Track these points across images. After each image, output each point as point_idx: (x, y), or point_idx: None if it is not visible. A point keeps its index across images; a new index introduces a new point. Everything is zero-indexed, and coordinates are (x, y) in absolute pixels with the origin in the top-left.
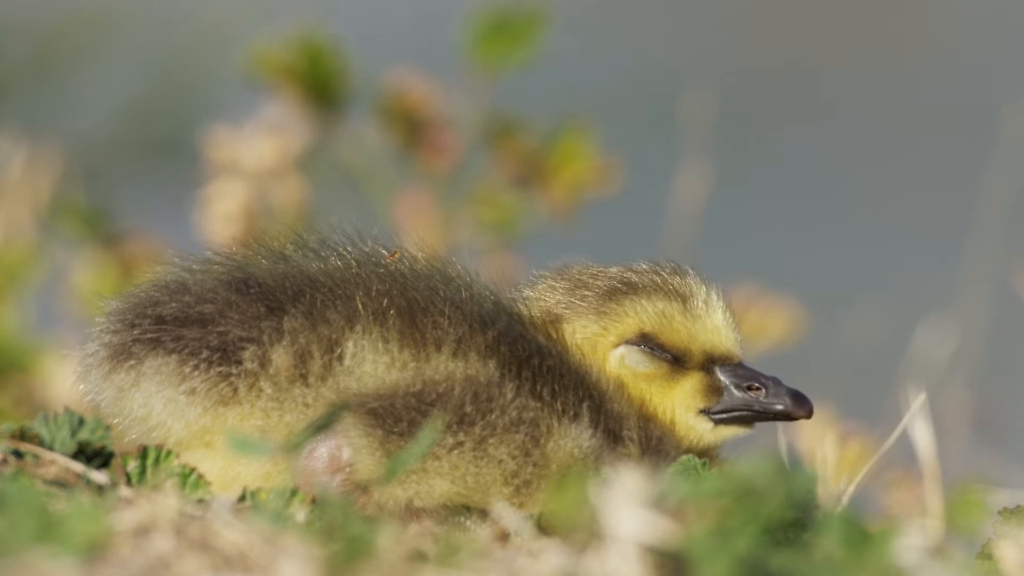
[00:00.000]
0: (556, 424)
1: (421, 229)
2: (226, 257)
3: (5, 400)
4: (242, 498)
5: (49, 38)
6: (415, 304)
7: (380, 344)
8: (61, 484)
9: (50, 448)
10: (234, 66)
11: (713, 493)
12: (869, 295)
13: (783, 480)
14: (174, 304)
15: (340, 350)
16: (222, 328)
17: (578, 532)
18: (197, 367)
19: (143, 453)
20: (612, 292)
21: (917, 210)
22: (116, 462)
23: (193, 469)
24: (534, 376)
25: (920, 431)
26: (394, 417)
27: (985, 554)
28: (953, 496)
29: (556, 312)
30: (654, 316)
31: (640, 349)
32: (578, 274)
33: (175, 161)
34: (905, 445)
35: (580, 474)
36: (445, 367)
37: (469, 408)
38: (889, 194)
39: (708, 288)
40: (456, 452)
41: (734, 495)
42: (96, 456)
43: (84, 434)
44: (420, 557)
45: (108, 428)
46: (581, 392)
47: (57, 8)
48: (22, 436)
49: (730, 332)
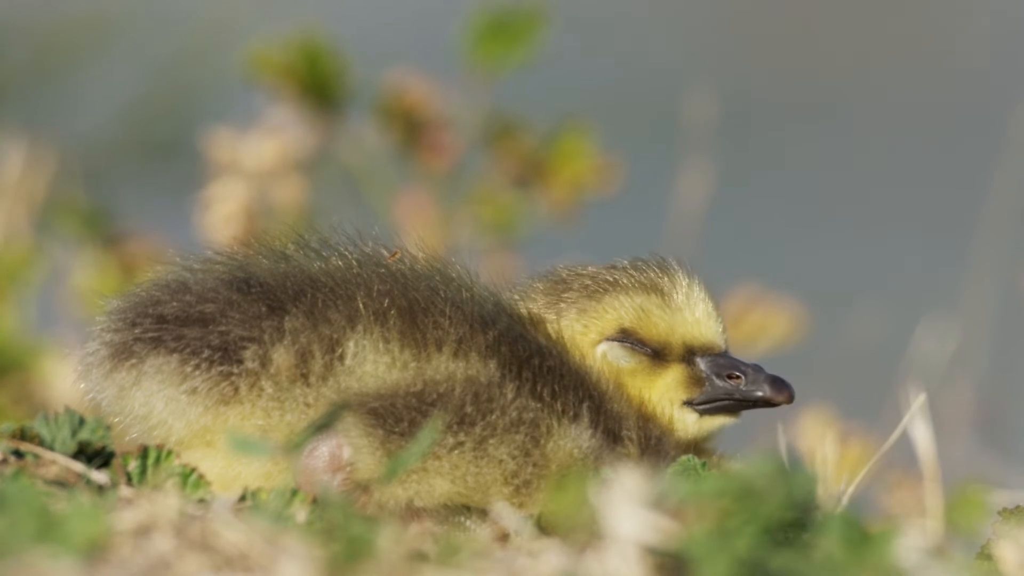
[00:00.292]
0: (556, 424)
1: (421, 229)
2: (227, 257)
3: (5, 400)
4: (242, 498)
5: (49, 39)
6: (416, 304)
7: (381, 344)
8: (61, 484)
9: (50, 448)
10: (234, 67)
11: (713, 493)
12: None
13: (783, 480)
14: (175, 303)
15: (341, 350)
16: (223, 327)
17: (578, 532)
18: (198, 366)
19: (143, 453)
20: (592, 290)
21: (918, 211)
22: (116, 462)
23: (194, 469)
24: (534, 376)
25: (920, 431)
26: (395, 417)
27: (985, 554)
28: (953, 496)
29: (540, 313)
30: (632, 311)
31: (620, 344)
32: (560, 274)
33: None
34: (905, 445)
35: (580, 474)
36: (446, 367)
37: (469, 408)
38: (890, 194)
39: (689, 281)
40: (456, 452)
41: (734, 495)
42: (97, 456)
43: (85, 434)
44: (420, 557)
45: (109, 428)
46: (581, 392)
47: (57, 9)
48: (22, 436)
49: (711, 324)
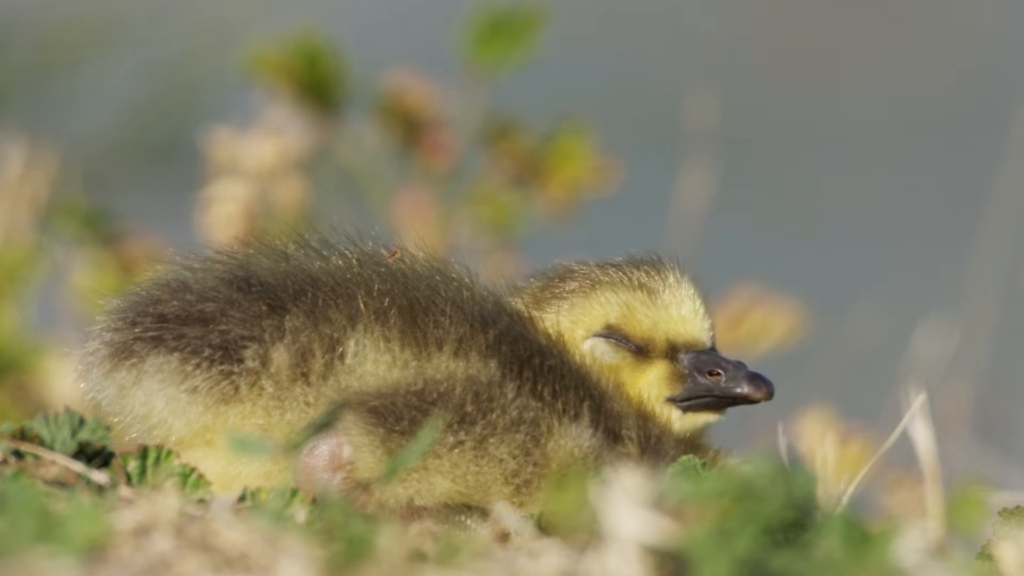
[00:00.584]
0: (556, 424)
1: (420, 229)
2: (227, 256)
3: (5, 400)
4: (242, 498)
5: (50, 40)
6: (416, 303)
7: (381, 343)
8: (61, 484)
9: (50, 448)
10: (234, 67)
11: (713, 493)
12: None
13: (783, 480)
14: (176, 302)
15: (342, 349)
16: (224, 326)
17: (578, 532)
18: (199, 365)
19: (143, 453)
20: (582, 286)
21: (918, 211)
22: (116, 462)
23: (193, 469)
24: (535, 376)
25: (920, 431)
26: (395, 415)
27: (985, 554)
28: (953, 496)
29: (534, 309)
30: (617, 308)
31: (606, 340)
32: (555, 271)
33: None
34: (905, 445)
35: (580, 474)
36: (446, 366)
37: (470, 407)
38: (890, 195)
39: (677, 279)
40: (457, 451)
41: (734, 495)
42: (96, 456)
43: (84, 434)
44: (420, 557)
45: (108, 428)
46: (582, 392)
47: (58, 10)
48: (22, 436)
49: (697, 321)
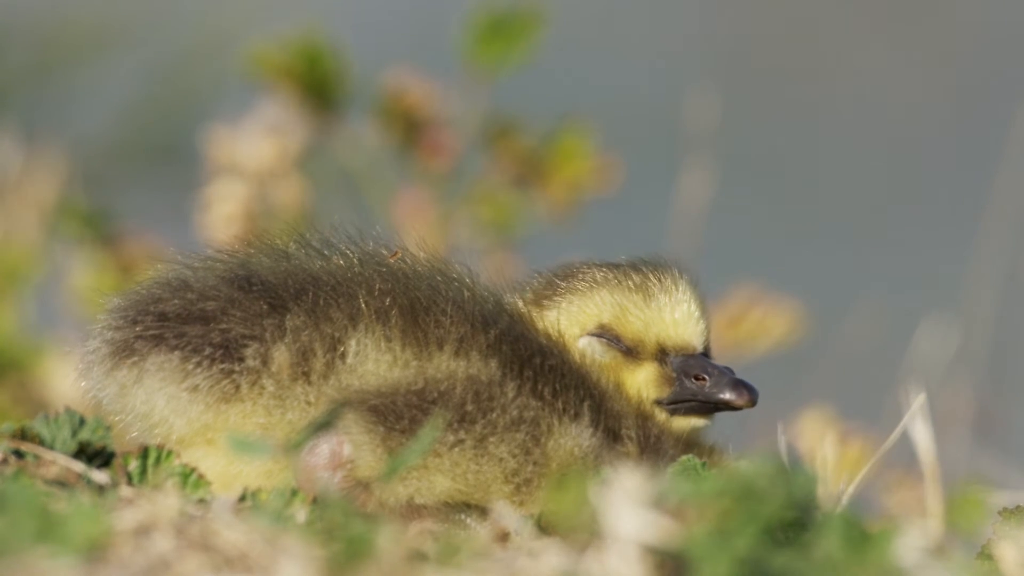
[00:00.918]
0: (557, 423)
1: (420, 229)
2: (228, 255)
3: (5, 400)
4: (242, 498)
5: (51, 41)
6: (417, 303)
7: (382, 342)
8: (62, 484)
9: (51, 448)
10: (234, 67)
11: (713, 493)
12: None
13: (783, 480)
14: (176, 301)
15: (343, 348)
16: (225, 325)
17: (578, 532)
18: (200, 364)
19: (144, 453)
20: (579, 287)
21: (918, 210)
22: (117, 462)
23: (194, 469)
24: (535, 375)
25: (920, 431)
26: (395, 414)
27: (985, 554)
28: (953, 496)
29: (533, 307)
30: (611, 308)
31: (598, 340)
32: (556, 270)
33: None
34: (905, 445)
35: (580, 474)
36: (447, 366)
37: (470, 407)
38: (890, 195)
39: (673, 282)
40: (457, 450)
41: (734, 495)
42: (97, 456)
43: (85, 434)
44: (420, 557)
45: (109, 428)
46: (582, 391)
47: (58, 10)
48: (23, 436)
49: (689, 325)
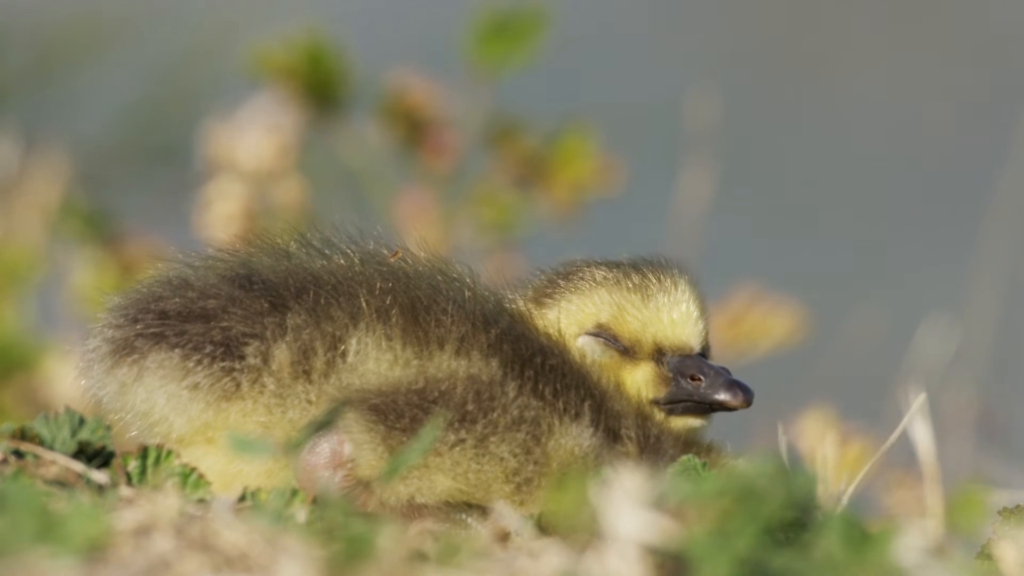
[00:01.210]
0: (557, 423)
1: (422, 229)
2: (229, 254)
3: (7, 399)
4: (242, 498)
5: (51, 41)
6: (418, 302)
7: (383, 341)
8: (61, 484)
9: (51, 448)
10: (236, 66)
11: (713, 493)
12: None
13: (783, 480)
14: (177, 299)
15: (344, 347)
16: (225, 323)
17: (578, 532)
18: (200, 362)
19: (144, 453)
20: (578, 285)
21: (919, 210)
22: (117, 462)
23: (194, 469)
24: (536, 375)
25: (920, 431)
26: (396, 413)
27: (985, 554)
28: (953, 496)
29: (533, 305)
30: (609, 308)
31: (595, 339)
32: (554, 270)
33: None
34: (906, 445)
35: (580, 474)
36: (448, 365)
37: (471, 406)
38: (890, 195)
39: (673, 282)
40: (458, 449)
41: (734, 495)
42: (97, 456)
43: (85, 434)
44: (420, 557)
45: (109, 428)
46: (583, 391)
47: (58, 10)
48: (23, 436)
49: (686, 325)
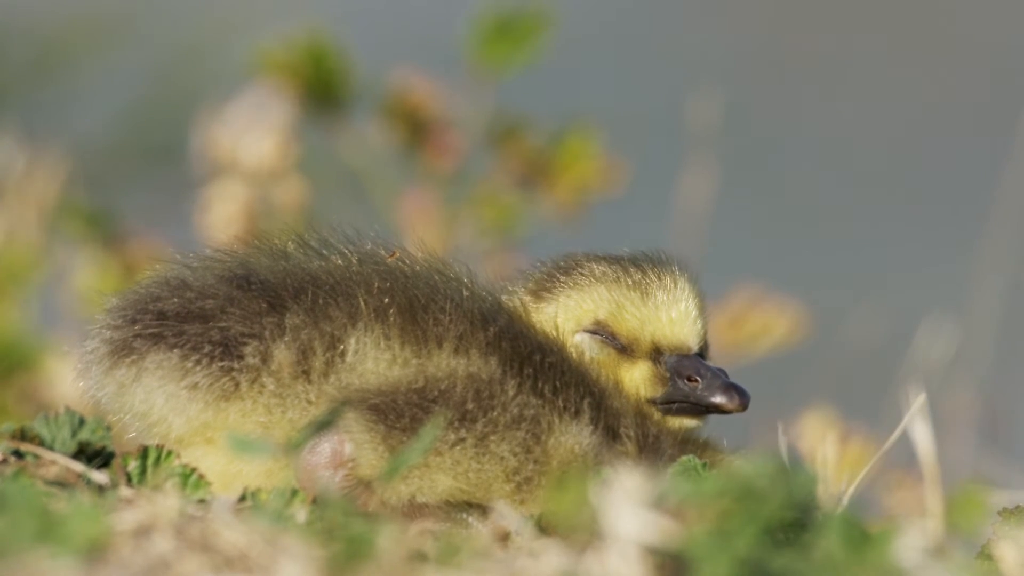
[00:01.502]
0: (557, 421)
1: (424, 229)
2: (227, 254)
3: (7, 399)
4: (242, 498)
5: (51, 41)
6: (416, 301)
7: (382, 341)
8: (61, 484)
9: (51, 448)
10: (237, 66)
11: (713, 493)
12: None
13: (783, 480)
14: (175, 300)
15: (342, 347)
16: (224, 324)
17: (578, 532)
18: (199, 362)
19: (143, 453)
20: (577, 281)
21: (919, 210)
22: (116, 462)
23: (194, 469)
24: (535, 373)
25: (920, 431)
26: (396, 413)
27: (985, 554)
28: (953, 496)
29: (530, 300)
30: (608, 305)
31: (592, 336)
32: (554, 263)
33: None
34: (906, 445)
35: (580, 474)
36: (447, 364)
37: (471, 405)
38: (891, 194)
39: (672, 281)
40: (458, 448)
41: (734, 495)
42: (97, 456)
43: (85, 434)
44: (420, 557)
45: (109, 428)
46: (582, 389)
47: (58, 10)
48: (23, 436)
49: (685, 325)
